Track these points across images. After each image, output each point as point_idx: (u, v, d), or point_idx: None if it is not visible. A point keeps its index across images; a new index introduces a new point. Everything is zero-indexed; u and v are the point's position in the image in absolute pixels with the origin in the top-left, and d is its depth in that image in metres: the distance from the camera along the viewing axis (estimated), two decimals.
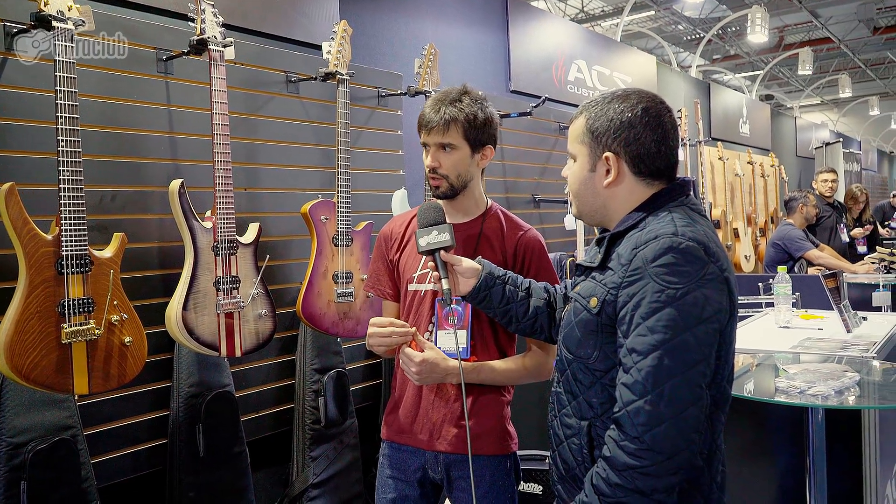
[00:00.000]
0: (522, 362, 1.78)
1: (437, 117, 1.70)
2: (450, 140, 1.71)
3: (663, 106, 1.36)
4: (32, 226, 1.81)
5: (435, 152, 1.72)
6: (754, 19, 7.55)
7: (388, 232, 1.88)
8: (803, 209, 4.99)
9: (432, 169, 1.73)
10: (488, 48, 4.32)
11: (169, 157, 2.40)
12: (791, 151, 10.39)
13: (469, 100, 1.72)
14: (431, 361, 1.65)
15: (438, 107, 1.70)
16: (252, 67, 2.67)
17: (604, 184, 1.36)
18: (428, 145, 1.73)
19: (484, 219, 1.80)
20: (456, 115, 1.70)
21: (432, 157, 1.73)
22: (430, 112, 1.71)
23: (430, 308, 1.76)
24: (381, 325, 1.65)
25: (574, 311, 1.37)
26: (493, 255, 1.76)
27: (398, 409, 1.81)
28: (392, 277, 1.86)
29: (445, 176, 1.72)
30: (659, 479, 1.18)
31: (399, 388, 1.83)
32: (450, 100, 1.71)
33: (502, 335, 1.78)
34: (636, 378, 1.19)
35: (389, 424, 1.83)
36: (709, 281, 1.22)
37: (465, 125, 1.71)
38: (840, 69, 15.61)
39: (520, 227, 1.83)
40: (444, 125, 1.69)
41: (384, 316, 1.90)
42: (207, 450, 2.35)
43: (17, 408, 1.92)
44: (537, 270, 1.79)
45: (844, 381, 2.06)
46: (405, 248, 1.83)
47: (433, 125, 1.70)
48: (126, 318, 1.99)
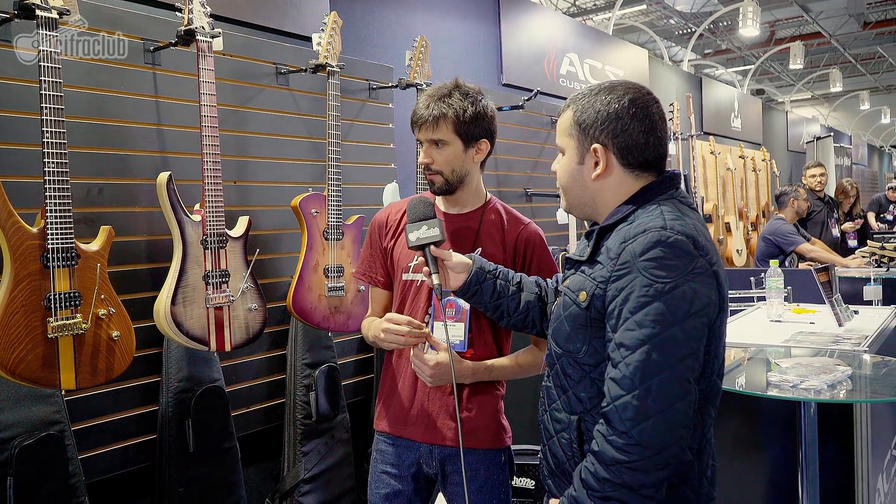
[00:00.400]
0: (527, 358, 1.79)
1: (427, 113, 1.70)
2: (440, 136, 1.70)
3: (650, 97, 1.35)
4: (17, 218, 1.79)
5: (428, 148, 1.72)
6: (746, 13, 7.55)
7: (383, 219, 1.86)
8: (794, 203, 4.99)
9: (426, 165, 1.73)
10: (480, 41, 4.29)
11: (157, 149, 2.37)
12: (782, 146, 10.42)
13: (459, 95, 1.71)
14: (446, 364, 1.64)
15: (428, 103, 1.70)
16: (241, 59, 2.64)
17: (592, 176, 1.34)
18: (421, 142, 1.73)
19: (483, 212, 1.80)
20: (445, 110, 1.69)
21: (425, 153, 1.73)
22: (421, 108, 1.71)
23: (426, 299, 1.75)
24: (397, 322, 1.63)
25: (563, 305, 1.36)
26: (494, 248, 1.76)
27: (392, 400, 1.80)
28: (384, 265, 1.84)
29: (440, 172, 1.72)
30: (647, 474, 1.18)
31: (392, 380, 1.81)
32: (439, 95, 1.71)
33: (499, 328, 1.77)
34: (624, 373, 1.18)
35: (384, 416, 1.82)
36: (697, 275, 1.21)
37: (454, 120, 1.70)
38: (830, 64, 15.66)
39: (520, 220, 1.83)
40: (433, 121, 1.69)
41: (373, 304, 1.89)
42: (197, 445, 2.33)
43: (3, 402, 1.90)
44: (539, 264, 1.79)
45: (837, 375, 2.06)
46: (400, 237, 1.81)
47: (423, 121, 1.70)
48: (114, 312, 1.97)
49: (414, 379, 1.76)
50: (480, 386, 1.76)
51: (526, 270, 1.75)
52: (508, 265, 1.74)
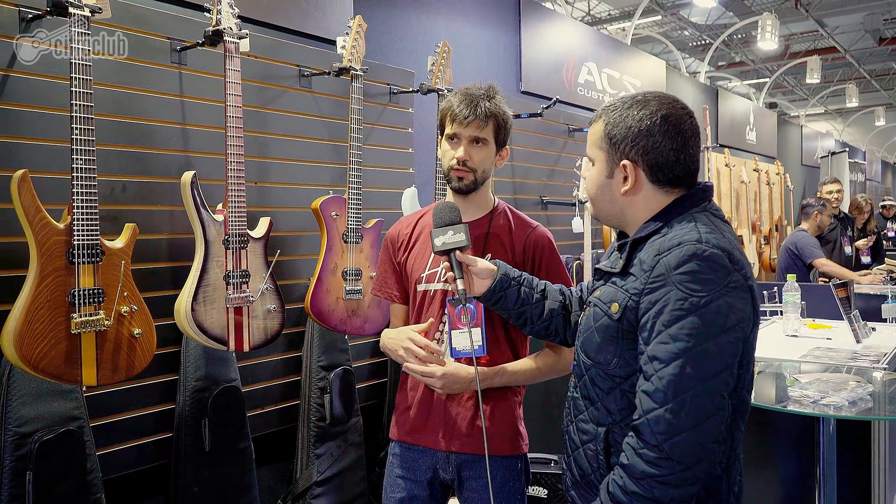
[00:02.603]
0: (535, 362, 1.77)
1: (478, 111, 1.69)
2: (485, 135, 1.71)
3: (684, 112, 1.33)
4: (44, 214, 1.79)
5: (467, 145, 1.71)
6: (765, 26, 7.52)
7: (395, 234, 1.87)
8: (818, 217, 4.97)
9: (462, 161, 1.71)
10: (500, 48, 4.30)
11: (181, 148, 2.38)
12: (797, 160, 10.38)
13: (500, 98, 1.74)
14: (452, 374, 1.66)
15: (476, 101, 1.70)
16: (265, 60, 2.65)
17: (621, 191, 1.34)
18: (458, 137, 1.72)
19: (492, 217, 1.80)
20: (494, 111, 1.71)
21: (465, 149, 1.71)
22: (464, 105, 1.70)
23: (439, 307, 1.75)
24: (417, 345, 1.66)
25: (593, 316, 1.35)
26: (504, 252, 1.76)
27: (409, 409, 1.80)
28: (399, 280, 1.85)
29: (473, 170, 1.72)
30: (677, 489, 1.17)
31: (411, 389, 1.81)
32: (486, 95, 1.72)
33: (514, 332, 1.77)
34: (657, 386, 1.18)
35: (400, 424, 1.82)
36: (733, 289, 1.20)
37: (498, 123, 1.73)
38: (845, 79, 15.60)
39: (528, 224, 1.83)
40: (483, 119, 1.70)
41: (393, 319, 1.90)
42: (213, 444, 2.33)
43: (25, 397, 1.90)
44: (548, 267, 1.78)
45: (858, 391, 2.05)
46: (412, 249, 1.82)
47: (471, 119, 1.69)
48: (136, 309, 1.97)
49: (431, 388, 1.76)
50: (498, 392, 1.75)
51: (535, 274, 1.75)
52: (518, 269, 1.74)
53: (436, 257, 1.75)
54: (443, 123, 1.75)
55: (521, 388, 1.83)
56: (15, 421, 1.88)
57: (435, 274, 1.76)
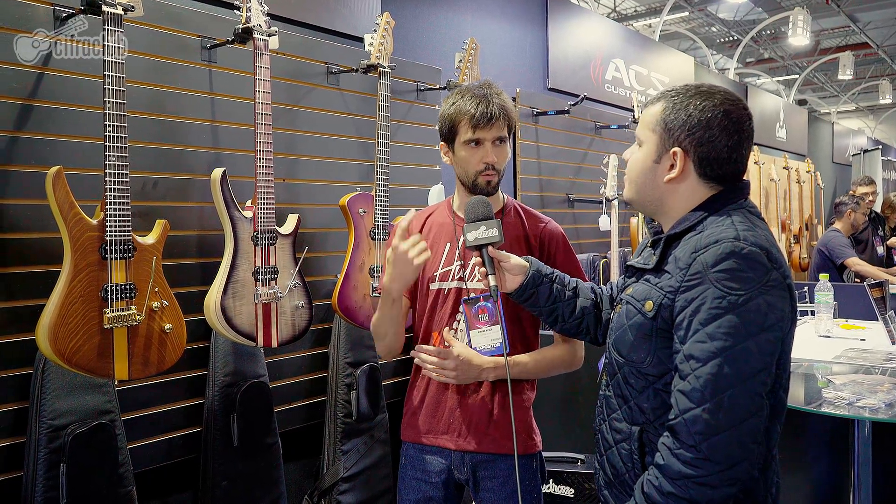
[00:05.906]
0: (548, 354, 1.76)
1: (497, 110, 1.65)
2: (504, 133, 1.69)
3: (746, 112, 1.30)
4: (78, 210, 1.81)
5: (492, 147, 1.68)
6: (796, 21, 7.40)
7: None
8: (851, 215, 4.89)
9: (491, 165, 1.67)
10: (527, 44, 4.27)
11: (210, 145, 2.39)
12: (827, 158, 10.21)
13: (503, 93, 1.70)
14: (465, 357, 1.64)
15: (489, 101, 1.65)
16: (293, 58, 2.66)
17: (665, 178, 1.31)
18: (482, 141, 1.67)
19: (503, 214, 1.78)
20: (507, 106, 1.68)
21: (495, 152, 1.67)
22: (482, 108, 1.64)
23: (453, 306, 1.74)
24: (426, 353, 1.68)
25: (626, 314, 1.33)
26: (518, 248, 1.73)
27: (420, 410, 1.78)
28: None
29: (499, 171, 1.70)
30: (715, 490, 1.15)
31: (420, 391, 1.80)
32: (494, 92, 1.68)
33: (528, 330, 1.76)
34: (694, 385, 1.16)
35: (412, 426, 1.80)
36: (771, 288, 1.18)
37: (511, 118, 1.70)
38: (877, 76, 15.30)
39: (540, 219, 1.81)
40: (504, 119, 1.66)
41: None
42: (241, 439, 2.34)
43: (59, 391, 1.93)
44: (563, 261, 1.76)
45: (895, 393, 2.01)
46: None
47: (494, 121, 1.64)
48: (167, 305, 1.99)
49: (444, 387, 1.74)
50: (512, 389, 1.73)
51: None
52: None
53: (448, 255, 1.74)
54: (454, 129, 1.67)
55: (533, 386, 1.82)
56: (49, 414, 1.91)
57: (449, 272, 1.74)
